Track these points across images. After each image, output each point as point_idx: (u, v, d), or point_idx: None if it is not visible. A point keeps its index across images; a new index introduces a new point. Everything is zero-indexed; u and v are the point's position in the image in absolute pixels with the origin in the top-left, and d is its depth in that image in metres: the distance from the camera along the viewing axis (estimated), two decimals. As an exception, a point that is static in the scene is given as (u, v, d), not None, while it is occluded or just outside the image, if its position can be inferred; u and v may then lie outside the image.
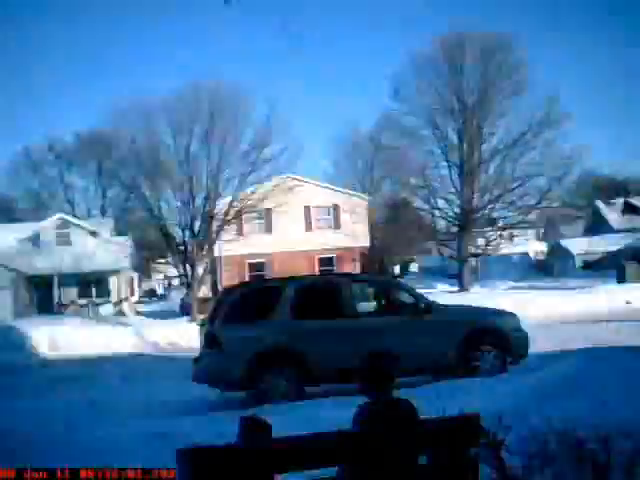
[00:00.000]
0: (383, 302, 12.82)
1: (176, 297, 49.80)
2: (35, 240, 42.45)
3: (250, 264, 40.35)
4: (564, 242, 55.25)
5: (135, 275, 54.03)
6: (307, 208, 40.72)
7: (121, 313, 39.15)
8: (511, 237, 45.69)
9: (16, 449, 6.55)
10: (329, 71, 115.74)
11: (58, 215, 45.29)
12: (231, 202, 35.59)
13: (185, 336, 21.63)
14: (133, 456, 5.93)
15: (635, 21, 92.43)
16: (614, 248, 48.38)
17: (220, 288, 40.22)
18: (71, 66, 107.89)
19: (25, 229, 43.94)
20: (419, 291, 13.08)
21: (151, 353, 21.56)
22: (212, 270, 40.93)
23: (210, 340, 10.73)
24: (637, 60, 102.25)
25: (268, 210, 38.98)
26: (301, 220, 40.70)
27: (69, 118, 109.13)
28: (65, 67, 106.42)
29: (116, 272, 41.63)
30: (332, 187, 44.10)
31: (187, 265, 34.97)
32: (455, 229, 43.12)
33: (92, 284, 41.21)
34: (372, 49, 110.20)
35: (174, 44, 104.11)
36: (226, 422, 6.67)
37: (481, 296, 30.81)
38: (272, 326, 10.81)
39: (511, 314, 12.10)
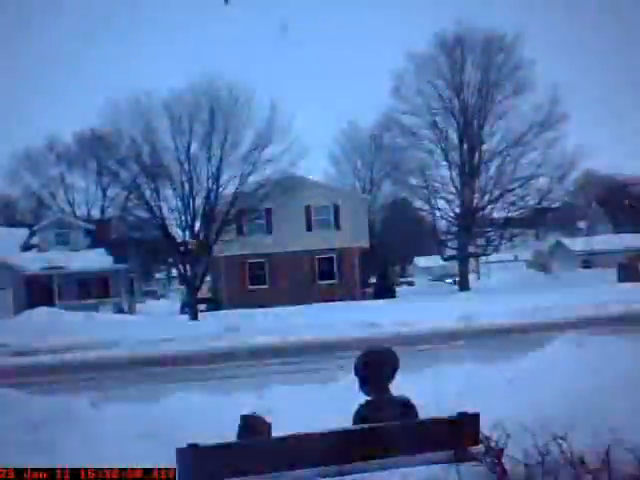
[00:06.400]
0: None
1: (176, 297, 49.74)
2: (35, 240, 42.37)
3: (250, 264, 40.25)
4: (565, 241, 55.28)
5: (135, 275, 53.89)
6: (307, 208, 40.64)
7: (121, 312, 39.09)
8: (511, 237, 45.46)
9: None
10: (329, 71, 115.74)
11: (58, 215, 45.22)
12: (231, 202, 35.51)
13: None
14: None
15: (637, 20, 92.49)
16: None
17: (220, 288, 40.18)
18: (71, 66, 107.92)
19: (25, 230, 43.98)
20: None
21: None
22: (212, 270, 40.83)
23: None
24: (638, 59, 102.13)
25: (268, 210, 38.91)
26: (301, 220, 40.60)
27: (69, 118, 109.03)
28: (65, 67, 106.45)
29: (116, 272, 41.55)
30: (332, 187, 43.98)
31: (187, 265, 34.90)
32: (455, 229, 43.07)
33: (92, 284, 41.10)
34: (372, 48, 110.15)
35: (174, 44, 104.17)
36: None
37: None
38: None
39: None
